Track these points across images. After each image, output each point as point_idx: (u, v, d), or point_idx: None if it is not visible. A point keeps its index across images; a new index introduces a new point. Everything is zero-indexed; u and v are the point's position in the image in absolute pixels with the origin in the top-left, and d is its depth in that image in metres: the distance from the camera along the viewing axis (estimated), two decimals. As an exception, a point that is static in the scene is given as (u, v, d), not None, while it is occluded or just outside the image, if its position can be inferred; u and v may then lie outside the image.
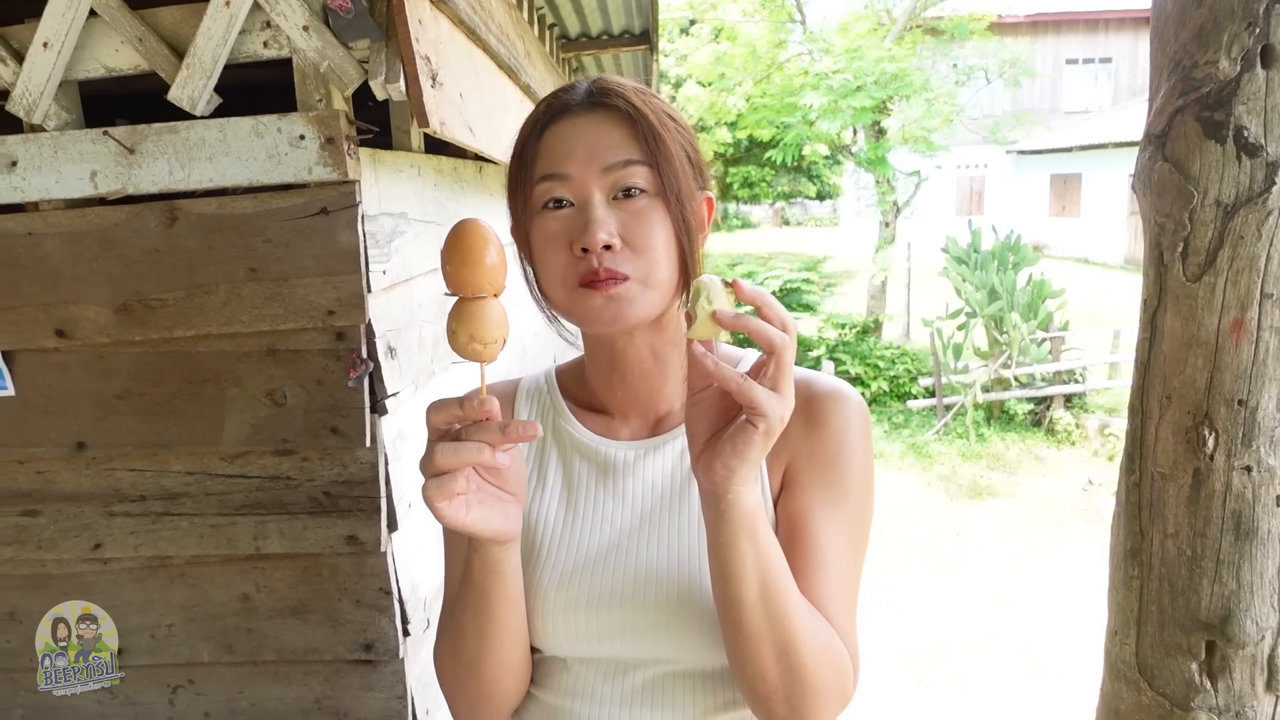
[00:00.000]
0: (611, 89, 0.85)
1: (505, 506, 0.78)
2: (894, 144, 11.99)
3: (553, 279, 0.84)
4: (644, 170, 0.82)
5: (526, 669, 0.91)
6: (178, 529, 1.43)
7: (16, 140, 1.32)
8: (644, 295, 0.82)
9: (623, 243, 0.81)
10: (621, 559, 0.87)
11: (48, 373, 1.40)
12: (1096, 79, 22.12)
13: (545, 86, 2.94)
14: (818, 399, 0.87)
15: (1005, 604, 5.73)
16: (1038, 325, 9.09)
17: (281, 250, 1.33)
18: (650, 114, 0.83)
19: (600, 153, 0.82)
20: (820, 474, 0.85)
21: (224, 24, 1.27)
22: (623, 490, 0.90)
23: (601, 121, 0.83)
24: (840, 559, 0.84)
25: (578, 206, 0.82)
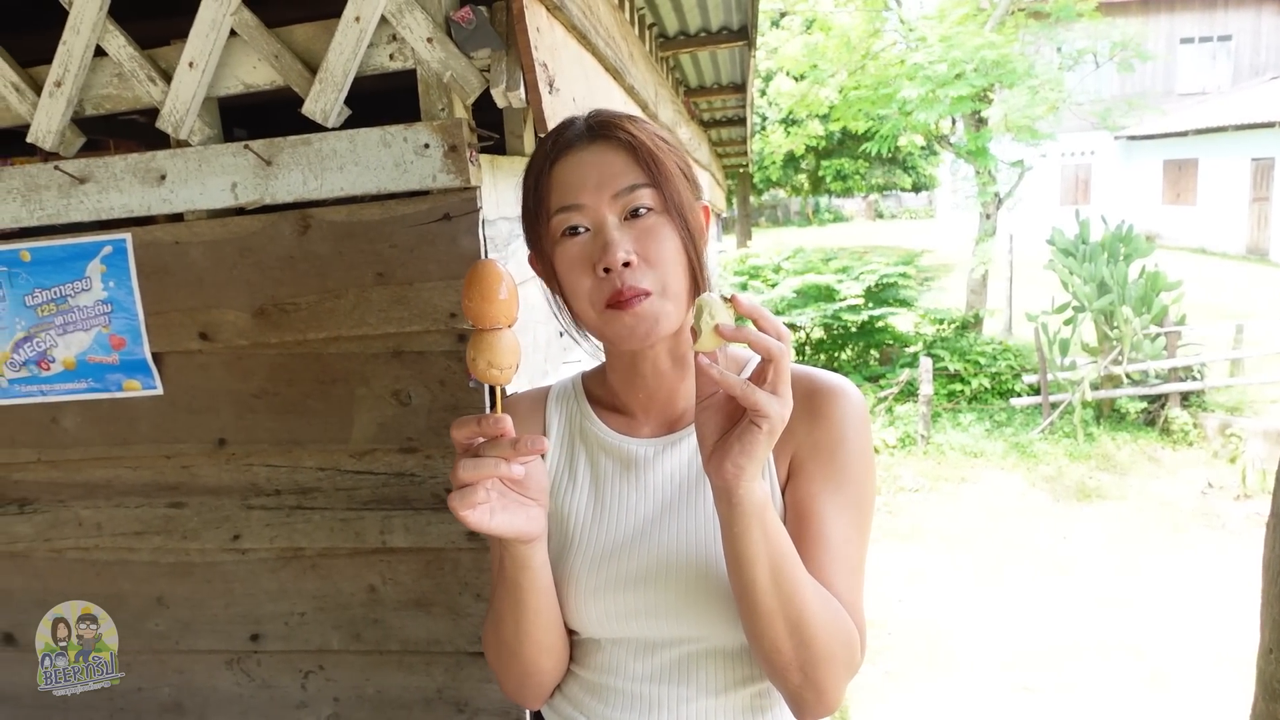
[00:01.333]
0: (608, 121, 0.94)
1: (527, 510, 0.88)
2: (995, 133, 11.59)
3: (582, 301, 0.93)
4: (648, 191, 0.91)
5: (563, 650, 1.01)
6: (309, 522, 1.50)
7: (165, 155, 1.41)
8: (665, 307, 0.91)
9: (639, 258, 0.90)
10: (645, 545, 0.96)
11: (192, 373, 1.49)
12: (1214, 58, 20.88)
13: (647, 87, 2.96)
14: (819, 394, 0.95)
15: (1117, 609, 5.49)
16: (1151, 320, 8.65)
17: (407, 255, 1.38)
18: (646, 140, 0.92)
19: (608, 180, 0.91)
20: (823, 464, 0.93)
21: (354, 39, 1.32)
22: (645, 483, 0.99)
23: (604, 152, 0.93)
24: (844, 540, 0.92)
25: (593, 231, 0.92)
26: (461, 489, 0.82)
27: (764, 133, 19.83)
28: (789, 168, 23.97)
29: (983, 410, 9.54)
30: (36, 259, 1.47)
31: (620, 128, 0.93)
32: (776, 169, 23.84)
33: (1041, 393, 9.00)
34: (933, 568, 6.11)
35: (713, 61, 4.62)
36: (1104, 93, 16.28)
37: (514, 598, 0.95)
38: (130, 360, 1.48)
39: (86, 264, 1.46)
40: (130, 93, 1.43)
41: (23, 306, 1.48)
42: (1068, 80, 12.27)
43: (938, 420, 9.11)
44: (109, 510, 1.56)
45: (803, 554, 0.87)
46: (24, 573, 1.61)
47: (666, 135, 0.97)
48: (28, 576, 1.61)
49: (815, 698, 0.87)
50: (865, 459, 0.95)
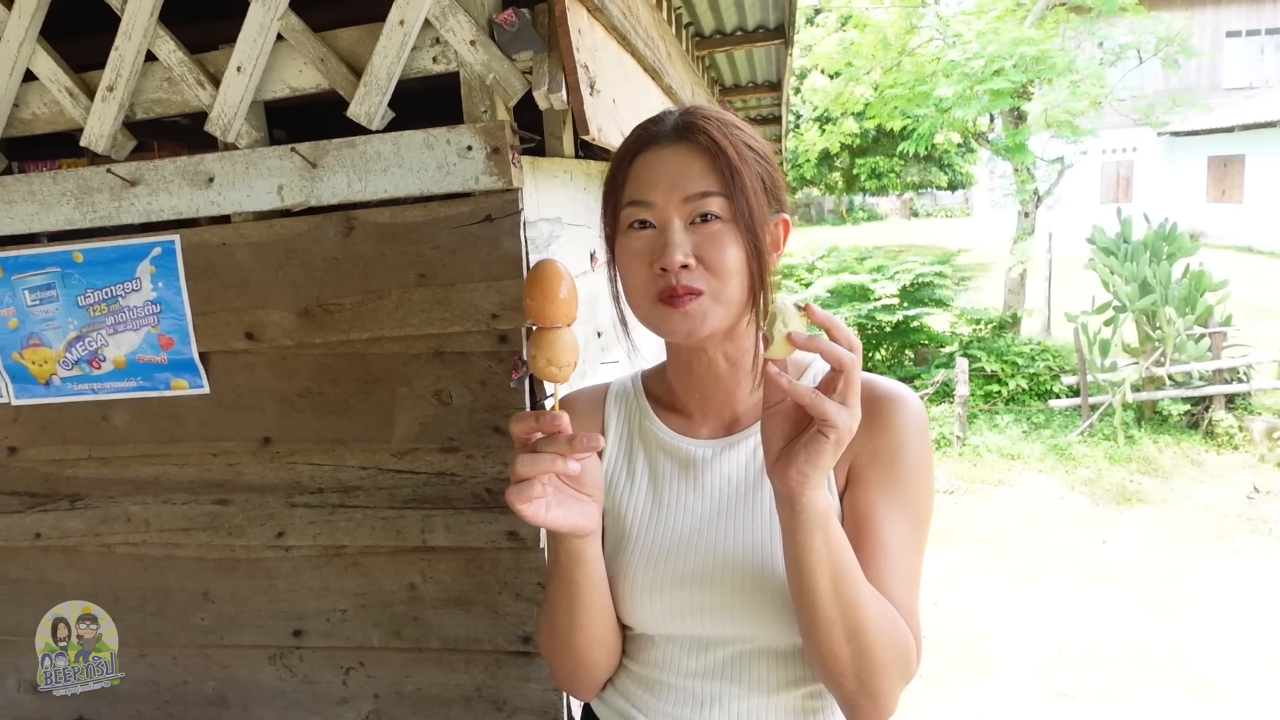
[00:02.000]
0: (697, 123, 0.94)
1: (582, 506, 0.90)
2: (1035, 130, 11.41)
3: (636, 291, 0.95)
4: (720, 200, 0.91)
5: (615, 643, 1.03)
6: (352, 520, 1.51)
7: (214, 158, 1.43)
8: (715, 310, 0.92)
9: (697, 261, 0.91)
10: (702, 544, 0.97)
11: (238, 373, 1.51)
12: (1263, 51, 20.39)
13: (684, 86, 2.95)
14: (879, 402, 0.95)
15: (1160, 616, 5.39)
16: (1195, 320, 8.47)
17: (449, 256, 1.39)
18: (730, 148, 0.92)
19: (681, 183, 0.92)
20: (882, 471, 0.94)
21: (398, 42, 1.33)
22: (702, 483, 1.00)
23: (685, 153, 0.93)
24: (902, 548, 0.92)
25: (659, 229, 0.93)
26: (519, 484, 0.84)
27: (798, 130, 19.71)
28: (823, 166, 23.81)
29: (1020, 412, 9.41)
30: (88, 260, 1.50)
31: (706, 132, 0.93)
32: (811, 167, 23.69)
33: (1081, 394, 8.85)
34: (969, 571, 6.03)
35: (748, 60, 4.60)
36: (1147, 88, 15.97)
37: (568, 591, 0.96)
38: (178, 360, 1.50)
39: (136, 265, 1.49)
40: (179, 96, 1.46)
41: (75, 306, 1.51)
42: (1109, 76, 12.05)
43: (974, 422, 9.00)
44: (157, 506, 1.59)
45: (861, 559, 0.88)
46: (74, 567, 1.64)
47: (756, 143, 0.97)
48: (78, 570, 1.65)
49: (870, 704, 0.88)
50: (924, 468, 0.95)
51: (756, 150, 0.96)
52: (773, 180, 0.96)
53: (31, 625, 1.64)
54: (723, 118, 0.96)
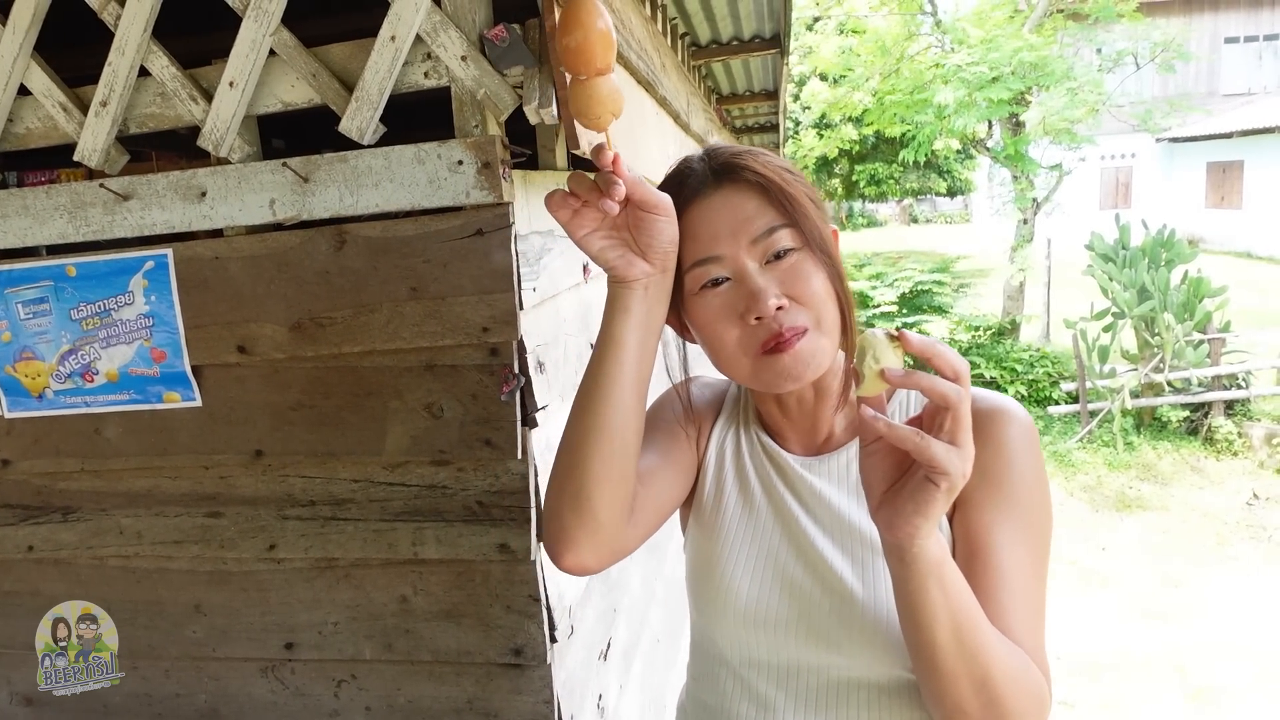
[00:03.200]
0: (731, 162, 0.90)
1: (626, 253, 0.87)
2: (1033, 137, 11.44)
3: (731, 352, 0.90)
4: (787, 231, 0.87)
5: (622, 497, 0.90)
6: (343, 533, 1.52)
7: (206, 172, 1.44)
8: (821, 342, 0.87)
9: (789, 301, 0.86)
10: (800, 557, 0.93)
11: (230, 386, 1.52)
12: (1261, 57, 20.44)
13: (679, 97, 2.96)
14: (981, 416, 0.87)
15: (1160, 623, 5.38)
16: (1194, 326, 8.48)
17: (440, 270, 1.39)
18: (774, 176, 0.88)
19: (743, 226, 0.88)
20: (993, 491, 0.86)
21: (390, 57, 1.34)
22: (800, 494, 0.97)
23: (733, 195, 0.89)
24: (1022, 575, 0.85)
25: (735, 280, 0.88)
26: (564, 190, 0.85)
27: (797, 137, 19.75)
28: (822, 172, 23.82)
29: (1019, 418, 9.38)
30: (82, 274, 1.50)
31: (746, 167, 0.89)
32: (809, 174, 23.70)
33: (1080, 400, 8.85)
34: (968, 578, 6.02)
35: (745, 69, 4.62)
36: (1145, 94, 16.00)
37: (600, 355, 0.88)
38: (170, 373, 1.51)
39: (129, 279, 1.49)
40: (172, 111, 1.46)
41: (68, 320, 1.52)
42: (1107, 82, 12.07)
43: (973, 428, 8.98)
44: (149, 519, 1.59)
45: (977, 591, 0.80)
46: (67, 579, 1.65)
47: (788, 164, 0.93)
48: (70, 583, 1.65)
49: None
50: (1038, 484, 0.89)
51: (794, 171, 0.92)
52: (813, 194, 0.92)
53: (24, 638, 1.64)
54: (747, 149, 0.93)
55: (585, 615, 1.72)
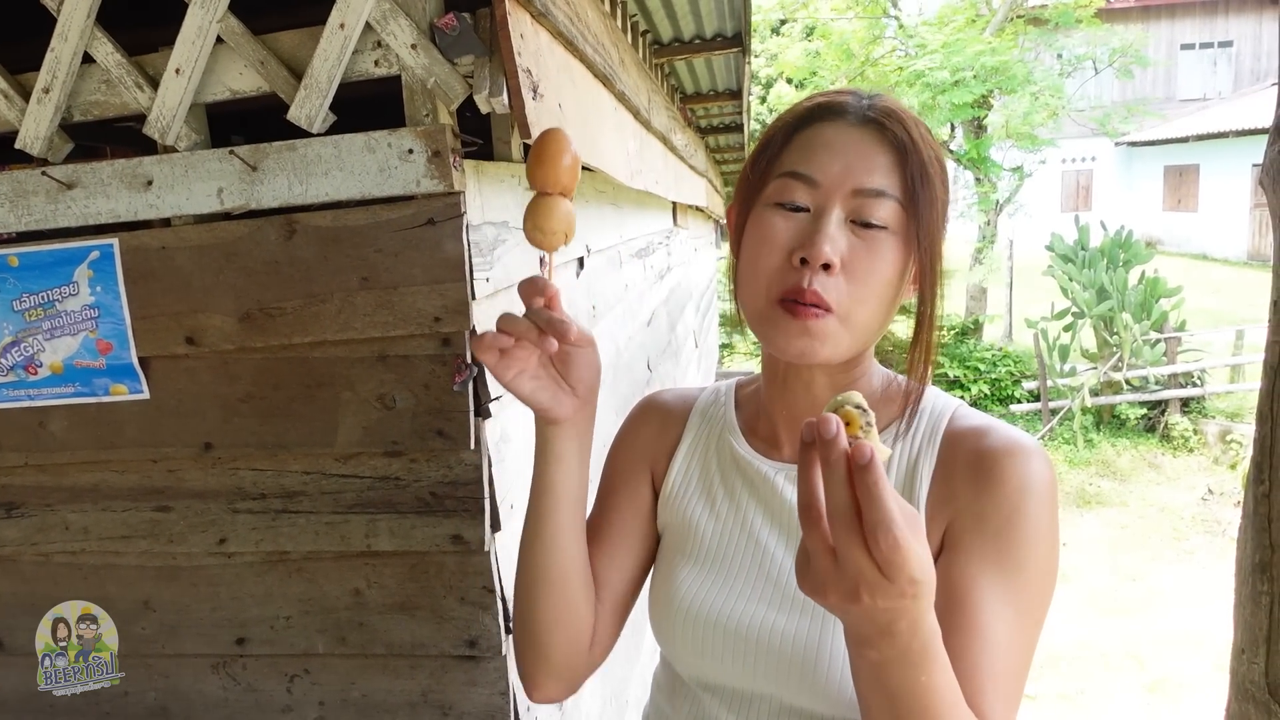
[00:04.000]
0: (895, 112, 0.81)
1: (557, 392, 0.83)
2: (996, 140, 11.61)
3: (757, 280, 0.82)
4: (894, 206, 0.78)
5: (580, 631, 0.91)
6: (295, 526, 1.50)
7: (152, 161, 1.42)
8: (839, 334, 0.79)
9: (843, 267, 0.78)
10: (760, 582, 0.85)
11: (178, 378, 1.50)
12: (1215, 64, 20.94)
13: (639, 94, 2.97)
14: (991, 455, 0.79)
15: (1118, 617, 5.48)
16: (1151, 325, 8.66)
17: (391, 260, 1.38)
18: (924, 151, 0.79)
19: (859, 172, 0.79)
20: (989, 540, 0.76)
21: (339, 45, 1.33)
22: (773, 509, 0.89)
23: (872, 140, 0.80)
24: (1005, 640, 0.74)
25: (813, 214, 0.80)
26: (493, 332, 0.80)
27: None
28: (790, 174, 23.95)
29: (983, 416, 9.52)
30: (24, 264, 1.47)
31: (903, 124, 0.80)
32: (778, 176, 23.79)
33: (1041, 399, 8.99)
34: (931, 574, 6.09)
35: (708, 68, 4.64)
36: (1104, 99, 16.31)
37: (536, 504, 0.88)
38: (117, 365, 1.48)
39: (74, 269, 1.47)
40: (118, 99, 1.44)
41: (10, 311, 1.49)
42: (1068, 86, 12.30)
43: (937, 426, 9.09)
44: (96, 514, 1.57)
45: (950, 645, 0.68)
46: (11, 577, 1.61)
47: (943, 158, 0.85)
48: (15, 581, 1.62)
49: None
50: (1044, 541, 0.77)
51: (942, 164, 0.83)
52: (947, 204, 0.84)
53: (-34, 637, 1.61)
54: (918, 118, 0.83)
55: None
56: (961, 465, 0.77)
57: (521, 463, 1.63)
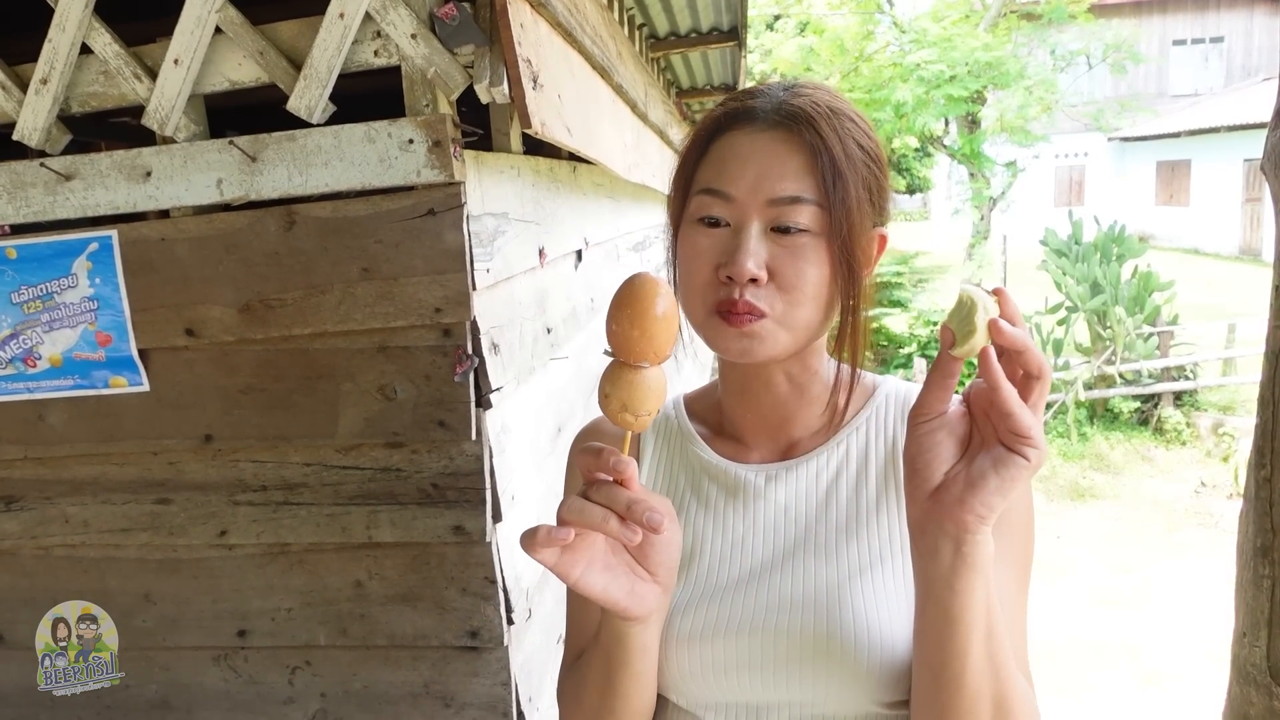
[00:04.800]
0: (805, 110, 0.78)
1: (635, 583, 0.73)
2: (989, 135, 11.64)
3: (693, 294, 0.81)
4: (812, 210, 0.76)
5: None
6: (296, 517, 1.50)
7: (151, 152, 1.41)
8: (778, 335, 0.79)
9: (770, 277, 0.77)
10: (755, 587, 0.82)
11: (178, 370, 1.49)
12: (1207, 59, 20.98)
13: (636, 86, 2.97)
14: None
15: (1113, 609, 5.50)
16: (1144, 319, 8.69)
17: (392, 251, 1.38)
18: (838, 148, 0.77)
19: (771, 181, 0.77)
20: None
21: (338, 35, 1.33)
22: (754, 514, 0.86)
23: (781, 144, 0.78)
24: (1010, 599, 0.77)
25: (733, 229, 0.79)
26: (552, 528, 0.68)
27: (759, 135, 19.83)
28: (784, 170, 23.94)
29: (977, 411, 9.54)
30: (23, 256, 1.47)
31: (814, 123, 0.77)
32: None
33: (1035, 393, 9.01)
34: (927, 567, 6.11)
35: (704, 62, 4.64)
36: (1097, 94, 16.35)
37: (604, 670, 0.80)
38: (117, 357, 1.48)
39: (73, 261, 1.46)
40: (116, 90, 1.44)
41: (9, 304, 1.48)
42: (1061, 82, 12.32)
43: (932, 421, 9.12)
44: (96, 507, 1.56)
45: None
46: (11, 570, 1.61)
47: (868, 139, 0.81)
48: (15, 574, 1.61)
49: None
50: (1028, 508, 0.82)
51: (868, 150, 0.80)
52: (880, 187, 0.81)
53: (-34, 631, 1.61)
54: (835, 105, 0.80)
55: (544, 599, 1.72)
56: None
57: (523, 453, 1.63)
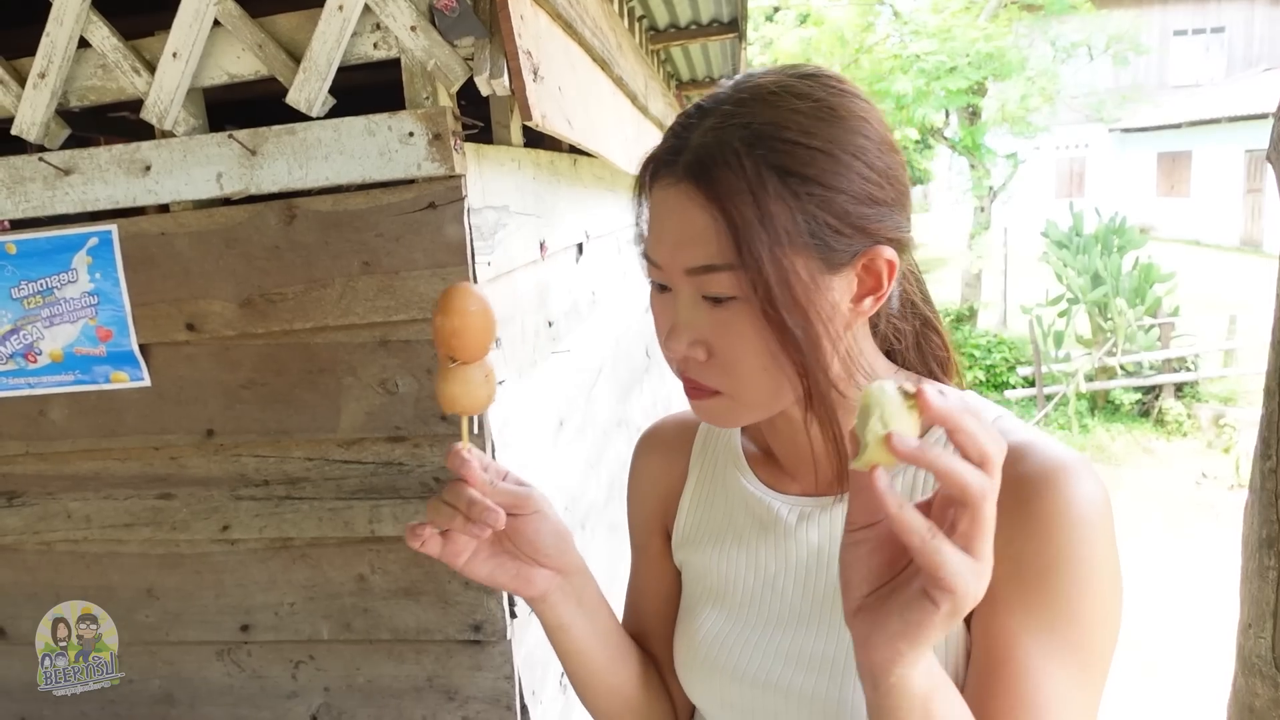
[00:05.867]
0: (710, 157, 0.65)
1: (521, 567, 0.75)
2: (990, 126, 11.62)
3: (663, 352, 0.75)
4: (728, 276, 0.65)
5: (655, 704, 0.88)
6: (298, 512, 1.50)
7: (150, 146, 1.41)
8: (737, 410, 0.71)
9: (709, 354, 0.69)
10: (780, 635, 0.76)
11: (179, 365, 1.49)
12: (1208, 50, 20.95)
13: (636, 79, 2.96)
14: (1030, 481, 0.65)
15: (1113, 601, 5.51)
16: (1145, 311, 8.69)
17: (393, 244, 1.38)
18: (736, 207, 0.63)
19: (682, 249, 0.67)
20: (1032, 586, 0.64)
21: (337, 27, 1.32)
22: (785, 551, 0.79)
23: (689, 201, 0.66)
24: (1059, 707, 0.62)
25: (672, 293, 0.71)
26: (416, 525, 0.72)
27: (758, 128, 19.79)
28: (784, 163, 23.92)
29: (978, 403, 9.55)
30: (22, 251, 1.46)
31: (716, 179, 0.64)
32: (771, 164, 23.79)
33: (1036, 385, 9.02)
34: (928, 560, 6.12)
35: (704, 54, 4.62)
36: (1098, 85, 16.32)
37: (565, 666, 0.83)
38: (117, 352, 1.48)
39: (72, 256, 1.46)
40: (114, 84, 1.43)
41: (9, 299, 1.48)
42: (1062, 73, 12.29)
43: (933, 413, 9.13)
44: (98, 502, 1.56)
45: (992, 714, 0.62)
46: (13, 566, 1.61)
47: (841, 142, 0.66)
48: (17, 570, 1.61)
49: None
50: (1100, 582, 0.65)
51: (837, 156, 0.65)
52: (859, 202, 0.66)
53: (-31, 626, 1.61)
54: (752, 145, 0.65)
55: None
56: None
57: (525, 447, 1.63)
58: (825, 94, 0.68)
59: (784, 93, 0.68)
